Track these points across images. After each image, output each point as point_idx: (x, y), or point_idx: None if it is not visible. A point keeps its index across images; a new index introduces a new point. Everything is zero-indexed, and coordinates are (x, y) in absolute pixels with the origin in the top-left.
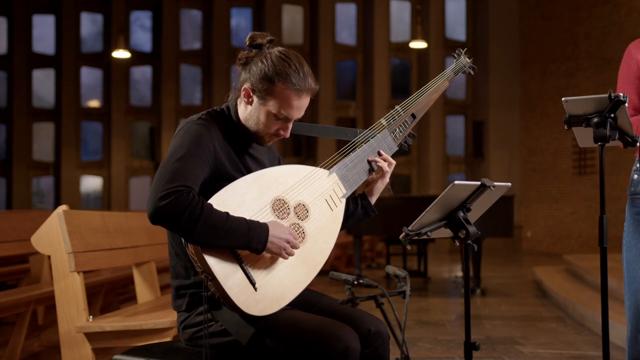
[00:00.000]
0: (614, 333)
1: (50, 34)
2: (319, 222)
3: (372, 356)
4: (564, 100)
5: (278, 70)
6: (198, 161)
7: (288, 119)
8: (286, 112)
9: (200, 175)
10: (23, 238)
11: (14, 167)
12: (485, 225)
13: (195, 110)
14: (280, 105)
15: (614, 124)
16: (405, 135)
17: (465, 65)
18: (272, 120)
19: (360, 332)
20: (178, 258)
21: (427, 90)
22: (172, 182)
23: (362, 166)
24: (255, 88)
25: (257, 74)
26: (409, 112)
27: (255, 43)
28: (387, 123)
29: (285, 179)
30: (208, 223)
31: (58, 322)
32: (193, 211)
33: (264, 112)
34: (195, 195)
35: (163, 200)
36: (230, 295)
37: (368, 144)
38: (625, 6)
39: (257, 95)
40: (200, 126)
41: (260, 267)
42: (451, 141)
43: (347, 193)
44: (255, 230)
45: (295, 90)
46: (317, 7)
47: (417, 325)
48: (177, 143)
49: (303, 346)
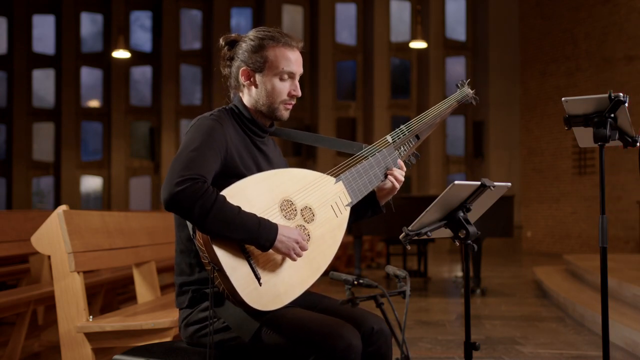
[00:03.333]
0: (614, 333)
1: (50, 34)
2: (324, 226)
3: (375, 354)
4: (564, 100)
5: (262, 37)
6: (212, 153)
7: (292, 74)
8: (287, 67)
9: (213, 167)
10: (23, 238)
11: (14, 167)
12: (485, 225)
13: (195, 110)
14: (279, 63)
15: (614, 124)
16: (408, 154)
17: (469, 95)
18: (280, 84)
19: (363, 330)
20: (183, 255)
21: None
22: (188, 170)
23: (367, 178)
24: (250, 65)
25: (247, 52)
26: (413, 132)
27: (229, 40)
28: (392, 140)
29: (294, 182)
30: (220, 214)
31: (58, 322)
32: (207, 200)
33: (269, 80)
34: (209, 186)
35: (179, 186)
36: (235, 287)
37: (374, 157)
38: (625, 6)
39: (256, 69)
40: (213, 121)
41: (266, 265)
42: (451, 141)
43: (352, 202)
44: (265, 227)
45: (285, 45)
46: (317, 7)
47: (417, 325)
48: (190, 136)
49: (305, 344)
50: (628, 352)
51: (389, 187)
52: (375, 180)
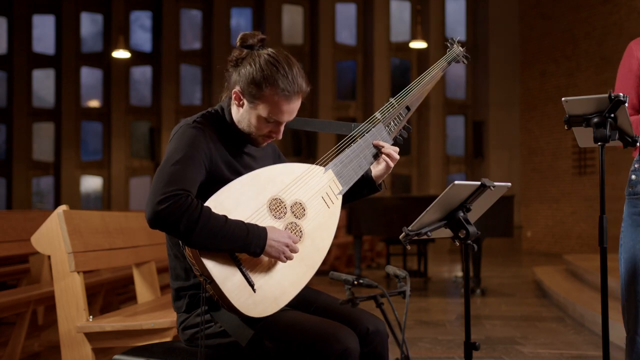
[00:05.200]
0: (614, 333)
1: (50, 34)
2: (316, 220)
3: (371, 355)
4: (564, 100)
5: (266, 76)
6: (195, 164)
7: (279, 122)
8: (276, 117)
9: (197, 178)
10: (23, 238)
11: (14, 167)
12: (485, 225)
13: (196, 110)
14: (270, 110)
15: (614, 124)
16: (400, 128)
17: (459, 54)
18: (263, 124)
19: (358, 331)
20: (177, 260)
21: (421, 81)
22: (170, 186)
23: (358, 162)
24: (244, 92)
25: (246, 78)
26: (403, 104)
27: (246, 44)
28: (381, 116)
29: (281, 178)
30: (206, 227)
31: (58, 322)
32: (191, 215)
33: (255, 115)
34: (193, 199)
35: (162, 205)
36: (229, 298)
37: (363, 138)
38: (625, 6)
39: (247, 99)
40: (195, 129)
41: (258, 269)
42: (451, 141)
43: (344, 189)
44: (253, 234)
45: (284, 96)
46: (317, 7)
47: (417, 325)
48: (172, 147)
49: (302, 347)
50: None
51: (383, 166)
52: (366, 163)
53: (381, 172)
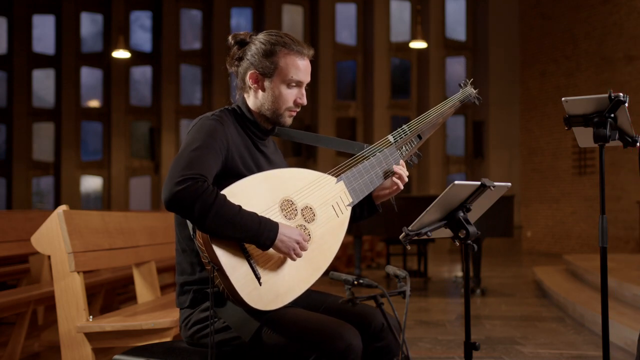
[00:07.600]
0: (614, 333)
1: (50, 34)
2: (325, 226)
3: (384, 349)
4: (564, 100)
5: (274, 41)
6: (212, 153)
7: (300, 83)
8: (296, 76)
9: (214, 167)
10: (23, 238)
11: (14, 167)
12: (485, 225)
13: (195, 110)
14: (288, 71)
15: (614, 124)
16: (410, 154)
17: (471, 94)
18: (287, 91)
19: (374, 326)
20: (184, 254)
21: (434, 113)
22: (189, 170)
23: (369, 178)
24: (259, 69)
25: (257, 55)
26: (415, 132)
27: (238, 39)
28: (394, 140)
29: (295, 182)
30: (220, 212)
31: (58, 322)
32: (207, 199)
33: (277, 86)
34: (209, 185)
35: (180, 186)
36: (236, 287)
37: (375, 157)
38: (625, 6)
39: (265, 74)
40: (215, 121)
41: (266, 264)
42: (451, 141)
43: (353, 202)
44: (265, 226)
45: (296, 52)
46: (317, 7)
47: (417, 325)
48: (192, 136)
49: (305, 344)
50: (628, 352)
51: (389, 185)
52: (376, 180)
53: (386, 192)
